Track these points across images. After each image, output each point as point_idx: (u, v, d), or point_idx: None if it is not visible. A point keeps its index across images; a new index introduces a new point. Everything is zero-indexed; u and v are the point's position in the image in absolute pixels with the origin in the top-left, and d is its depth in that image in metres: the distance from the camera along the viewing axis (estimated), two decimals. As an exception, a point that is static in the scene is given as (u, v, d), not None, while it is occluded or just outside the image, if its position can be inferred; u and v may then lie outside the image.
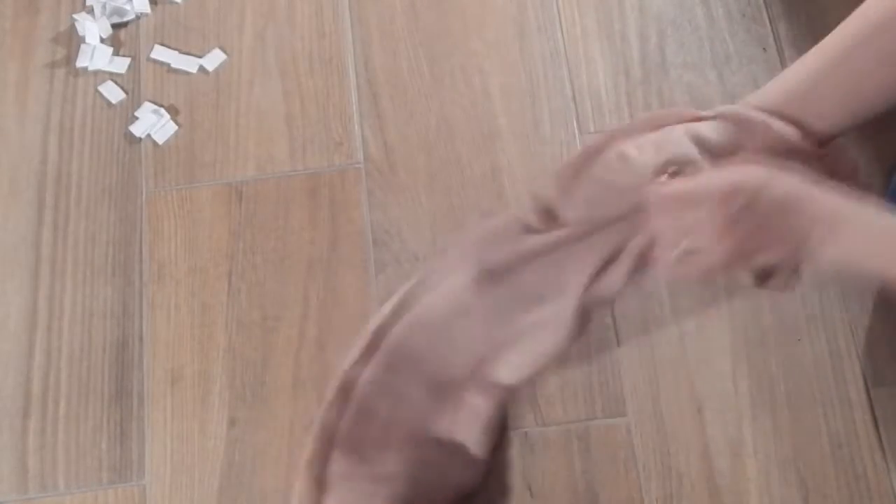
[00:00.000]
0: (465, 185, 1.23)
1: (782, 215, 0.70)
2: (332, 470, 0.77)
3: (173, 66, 1.31)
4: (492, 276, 0.78)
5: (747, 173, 0.72)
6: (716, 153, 0.78)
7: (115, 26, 1.33)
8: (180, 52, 1.32)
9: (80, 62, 1.31)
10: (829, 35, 0.81)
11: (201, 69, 1.31)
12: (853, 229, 0.71)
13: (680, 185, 0.74)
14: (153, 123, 1.27)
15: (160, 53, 1.32)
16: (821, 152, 0.80)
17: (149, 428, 1.13)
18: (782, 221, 0.70)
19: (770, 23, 1.30)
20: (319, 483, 0.77)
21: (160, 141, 1.27)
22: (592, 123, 1.26)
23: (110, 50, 1.32)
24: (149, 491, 1.11)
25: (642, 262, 0.76)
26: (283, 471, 1.10)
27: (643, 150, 0.77)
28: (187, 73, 1.31)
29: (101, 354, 1.16)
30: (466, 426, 0.77)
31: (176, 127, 1.27)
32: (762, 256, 0.72)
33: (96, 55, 1.31)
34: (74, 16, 1.33)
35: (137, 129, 1.27)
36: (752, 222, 0.70)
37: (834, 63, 0.78)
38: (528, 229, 0.78)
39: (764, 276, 0.74)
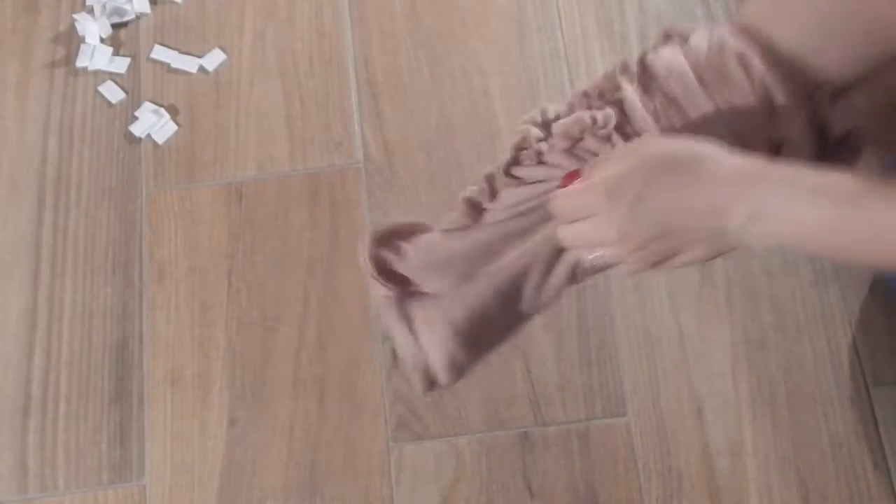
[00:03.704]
0: (465, 185, 1.23)
1: (680, 190, 0.60)
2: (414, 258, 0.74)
3: (173, 66, 1.31)
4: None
5: (629, 156, 0.63)
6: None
7: (115, 26, 1.33)
8: (180, 52, 1.32)
9: (80, 62, 1.31)
10: None
11: (201, 69, 1.31)
12: (777, 201, 0.57)
13: (572, 186, 0.67)
14: (153, 123, 1.27)
15: (160, 53, 1.32)
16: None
17: (149, 428, 1.13)
18: (683, 202, 0.60)
19: (770, 23, 1.30)
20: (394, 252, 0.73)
21: (160, 141, 1.27)
22: (592, 123, 1.25)
23: (110, 50, 1.32)
24: (149, 491, 1.11)
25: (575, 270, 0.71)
26: (283, 471, 1.11)
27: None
28: (187, 73, 1.30)
29: (101, 355, 1.16)
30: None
31: (176, 127, 1.27)
32: (680, 257, 0.63)
33: (96, 55, 1.31)
34: (74, 15, 1.33)
35: (137, 129, 1.27)
36: (651, 221, 0.61)
37: None
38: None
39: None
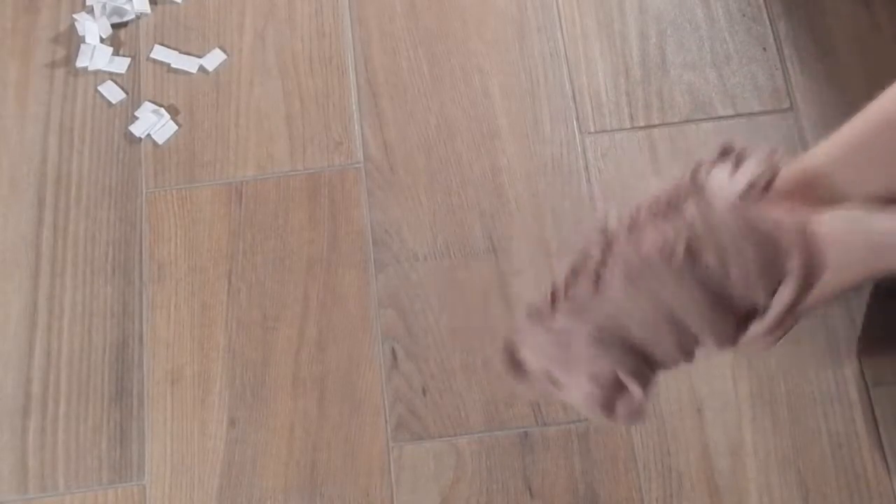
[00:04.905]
0: (465, 185, 1.23)
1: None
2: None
3: (173, 65, 1.31)
4: None
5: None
6: None
7: (115, 26, 1.33)
8: (180, 51, 1.32)
9: (80, 62, 1.31)
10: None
11: (201, 69, 1.31)
12: (844, 230, 0.53)
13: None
14: (153, 123, 1.27)
15: (160, 53, 1.32)
16: None
17: (149, 428, 1.13)
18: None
19: (770, 22, 1.30)
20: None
21: (160, 141, 1.27)
22: (592, 123, 1.26)
23: (110, 50, 1.32)
24: (149, 491, 1.11)
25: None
26: (283, 470, 1.11)
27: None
28: (187, 73, 1.31)
29: (101, 354, 1.16)
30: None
31: (176, 127, 1.27)
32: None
33: (96, 55, 1.31)
34: (74, 16, 1.33)
35: (137, 129, 1.27)
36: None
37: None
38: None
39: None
